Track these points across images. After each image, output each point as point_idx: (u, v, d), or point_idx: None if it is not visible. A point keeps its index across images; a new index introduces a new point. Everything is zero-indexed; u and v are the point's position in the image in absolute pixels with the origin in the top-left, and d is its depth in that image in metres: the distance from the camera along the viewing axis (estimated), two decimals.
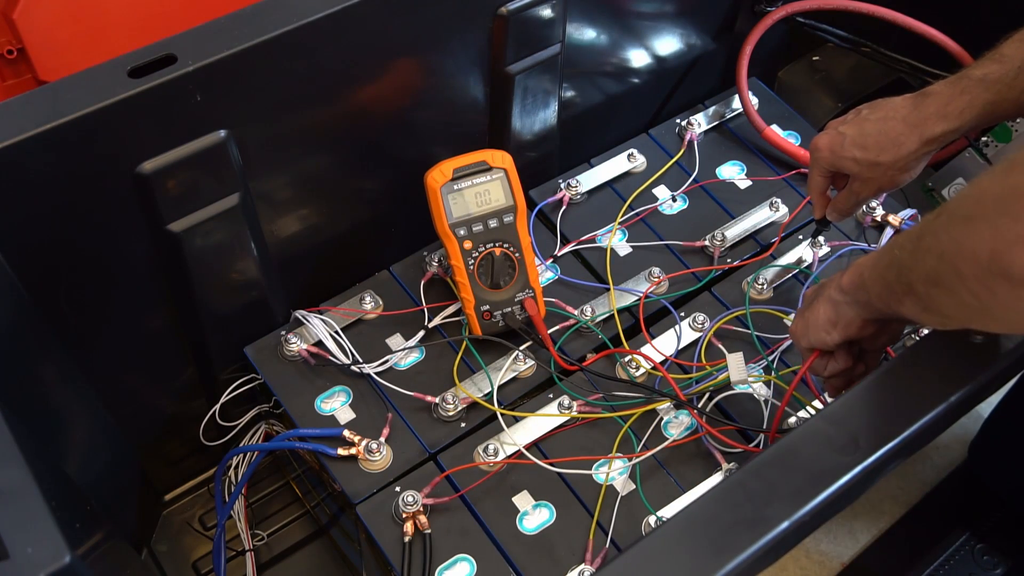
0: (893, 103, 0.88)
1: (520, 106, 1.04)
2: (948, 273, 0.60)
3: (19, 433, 0.59)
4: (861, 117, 0.90)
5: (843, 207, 0.96)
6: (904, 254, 0.67)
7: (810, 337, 0.79)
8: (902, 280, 0.67)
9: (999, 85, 0.80)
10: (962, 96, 0.83)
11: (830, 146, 0.91)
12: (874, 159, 0.88)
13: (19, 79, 1.18)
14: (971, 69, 0.83)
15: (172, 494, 1.13)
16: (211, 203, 0.85)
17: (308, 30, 0.81)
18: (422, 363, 0.99)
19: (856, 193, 0.93)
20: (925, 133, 0.85)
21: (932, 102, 0.85)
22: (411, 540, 0.86)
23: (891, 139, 0.86)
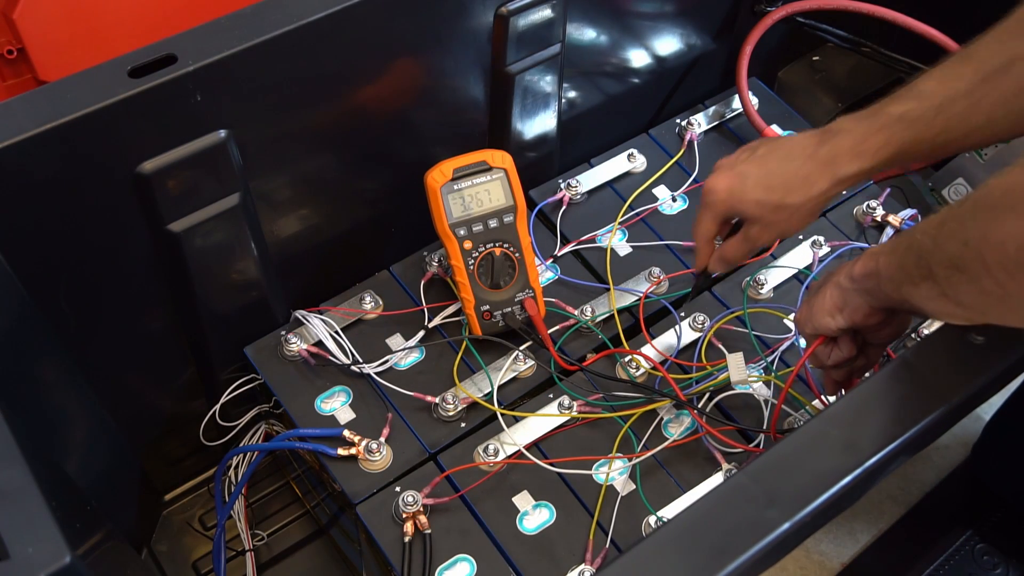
0: (794, 140, 0.82)
1: (520, 106, 1.04)
2: (972, 260, 0.59)
3: (19, 433, 0.59)
4: (760, 156, 0.83)
5: (733, 256, 0.88)
6: (926, 239, 0.65)
7: (814, 322, 0.77)
8: (921, 264, 0.65)
9: (918, 124, 0.76)
10: (878, 134, 0.78)
11: (729, 188, 0.83)
12: (780, 201, 0.81)
13: (19, 79, 1.18)
14: (887, 105, 0.78)
15: (172, 494, 1.13)
16: (211, 203, 0.85)
17: (308, 30, 0.81)
18: (422, 363, 0.99)
19: (752, 240, 0.85)
20: (838, 172, 0.79)
21: (845, 139, 0.79)
22: (411, 540, 0.86)
23: (801, 178, 0.80)
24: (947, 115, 0.75)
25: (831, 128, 0.80)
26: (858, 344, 0.78)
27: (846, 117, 0.81)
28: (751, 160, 0.83)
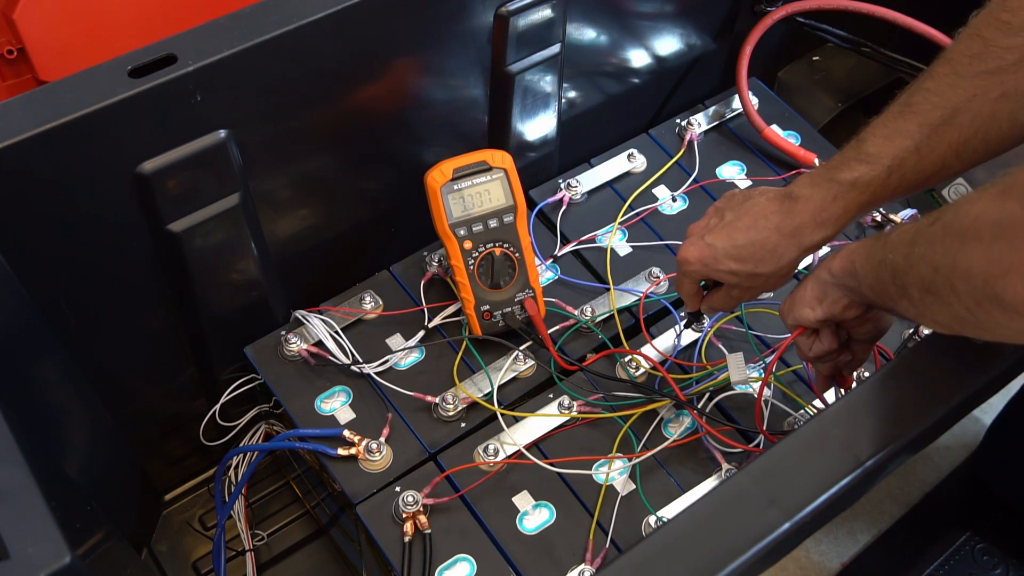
0: (758, 205, 0.83)
1: (520, 106, 1.04)
2: (943, 286, 0.60)
3: (19, 433, 0.59)
4: (727, 224, 0.83)
5: (721, 307, 0.90)
6: (898, 257, 0.65)
7: (795, 313, 0.78)
8: (897, 282, 0.65)
9: (873, 187, 0.77)
10: (835, 203, 0.79)
11: (701, 259, 0.84)
12: (752, 270, 0.82)
13: (19, 79, 1.18)
14: (837, 171, 0.79)
15: (172, 494, 1.13)
16: (211, 203, 0.85)
17: (308, 30, 0.81)
18: (422, 363, 0.99)
19: (735, 298, 0.87)
20: (803, 242, 0.81)
21: (804, 209, 0.80)
22: (411, 540, 0.86)
23: (768, 250, 0.81)
24: (900, 173, 0.76)
25: (791, 194, 0.81)
26: (841, 338, 0.79)
27: (803, 180, 0.81)
28: (719, 229, 0.84)
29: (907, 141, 0.75)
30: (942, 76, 0.75)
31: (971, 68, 0.73)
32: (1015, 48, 0.71)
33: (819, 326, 0.78)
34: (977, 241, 0.56)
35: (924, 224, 0.63)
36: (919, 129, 0.75)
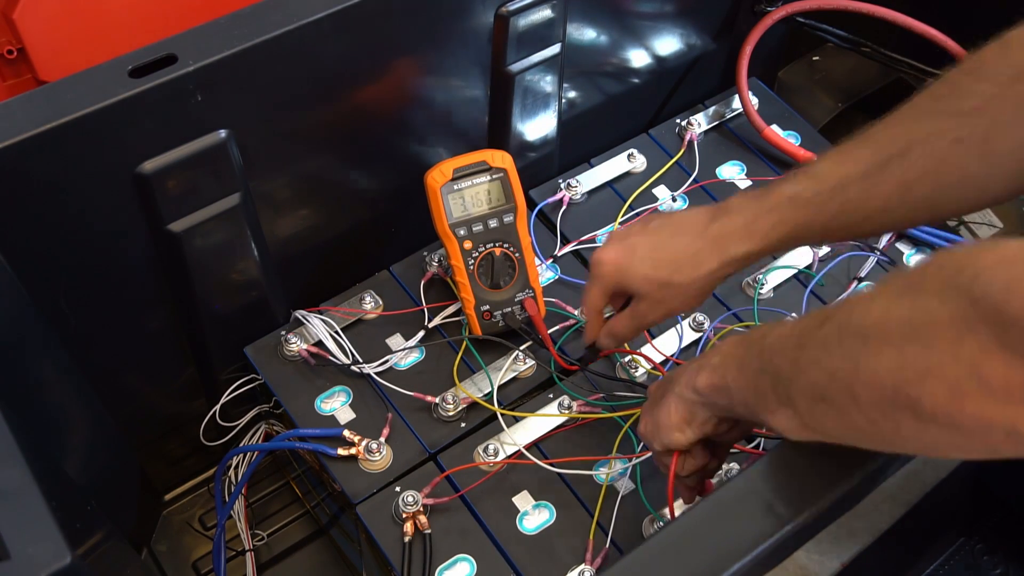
0: (686, 215, 0.79)
1: (520, 106, 1.04)
2: (840, 393, 0.55)
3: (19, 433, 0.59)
4: (651, 229, 0.80)
5: (621, 332, 0.85)
6: (782, 363, 0.60)
7: (662, 438, 0.72)
8: (779, 391, 0.60)
9: (810, 206, 0.73)
10: (769, 215, 0.74)
11: (616, 260, 0.80)
12: (667, 278, 0.78)
13: (19, 79, 1.18)
14: (781, 184, 0.75)
15: (172, 494, 1.13)
16: (211, 203, 0.85)
17: (308, 30, 0.81)
18: (422, 363, 0.99)
19: (640, 316, 0.82)
20: (727, 252, 0.76)
21: (734, 219, 0.76)
22: (411, 540, 0.86)
23: (689, 256, 0.77)
24: (842, 198, 0.72)
25: (724, 205, 0.78)
26: (709, 448, 0.74)
27: (740, 194, 0.78)
28: (642, 232, 0.80)
29: (858, 167, 0.72)
30: (905, 112, 0.73)
31: (933, 106, 0.71)
32: (979, 94, 0.69)
33: (691, 447, 0.73)
34: (885, 343, 0.52)
35: (810, 325, 0.58)
36: (871, 156, 0.72)
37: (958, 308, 0.48)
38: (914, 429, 0.52)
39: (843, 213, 0.73)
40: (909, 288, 0.52)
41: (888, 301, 0.53)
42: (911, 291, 0.52)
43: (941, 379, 0.49)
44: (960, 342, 0.48)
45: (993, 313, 0.46)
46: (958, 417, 0.49)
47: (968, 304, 0.48)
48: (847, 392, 0.54)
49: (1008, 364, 0.46)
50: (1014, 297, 0.46)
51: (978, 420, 0.49)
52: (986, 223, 1.14)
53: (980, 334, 0.47)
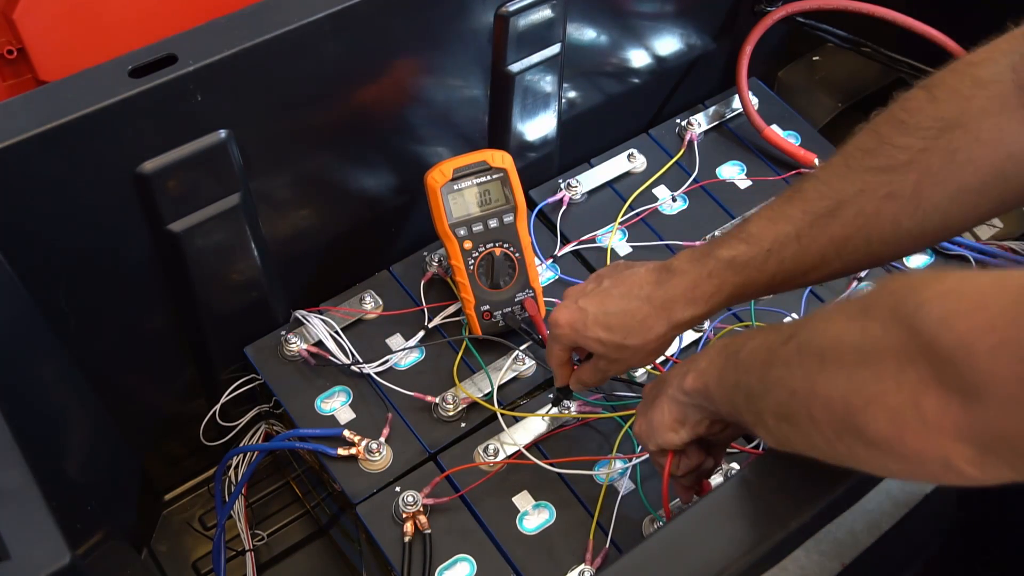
0: (636, 275, 0.79)
1: (520, 106, 1.04)
2: (801, 414, 0.56)
3: (19, 433, 0.59)
4: (603, 290, 0.80)
5: (589, 381, 0.86)
6: (752, 379, 0.61)
7: (657, 439, 0.72)
8: (751, 408, 0.61)
9: (748, 268, 0.74)
10: (710, 280, 0.75)
11: (571, 323, 0.80)
12: (621, 341, 0.78)
13: (19, 79, 1.18)
14: (718, 248, 0.75)
15: (172, 494, 1.13)
16: (211, 203, 0.85)
17: (308, 30, 0.81)
18: (422, 363, 0.99)
19: (602, 371, 0.84)
20: (673, 317, 0.77)
21: (678, 283, 0.76)
22: (411, 540, 0.86)
23: (638, 321, 0.77)
24: (778, 258, 0.73)
25: (669, 266, 0.78)
26: (704, 447, 0.75)
27: (685, 254, 0.78)
28: (594, 295, 0.81)
29: (789, 226, 0.72)
30: (834, 167, 0.73)
31: (862, 162, 0.71)
32: (907, 148, 0.69)
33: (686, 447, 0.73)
34: (837, 366, 0.53)
35: (776, 341, 0.59)
36: (802, 216, 0.72)
37: (900, 338, 0.49)
38: (865, 454, 0.52)
39: (781, 271, 0.73)
40: (861, 312, 0.52)
41: (842, 323, 0.54)
42: (862, 315, 0.52)
43: (884, 408, 0.50)
44: (902, 372, 0.48)
45: (929, 346, 0.47)
46: (899, 447, 0.50)
47: (909, 335, 0.48)
48: (806, 413, 0.55)
49: (942, 398, 0.47)
50: (947, 331, 0.46)
51: (917, 451, 0.49)
52: (986, 223, 1.14)
53: (919, 366, 0.48)
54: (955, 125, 0.68)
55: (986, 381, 0.45)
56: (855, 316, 0.53)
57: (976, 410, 0.45)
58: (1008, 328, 0.44)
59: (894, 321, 0.49)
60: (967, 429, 0.46)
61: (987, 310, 0.45)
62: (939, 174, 0.68)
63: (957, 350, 0.46)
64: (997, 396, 0.44)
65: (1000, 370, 0.44)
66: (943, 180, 0.68)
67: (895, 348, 0.49)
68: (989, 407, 0.45)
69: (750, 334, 0.65)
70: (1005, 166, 0.67)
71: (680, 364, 0.72)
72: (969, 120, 0.67)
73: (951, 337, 0.46)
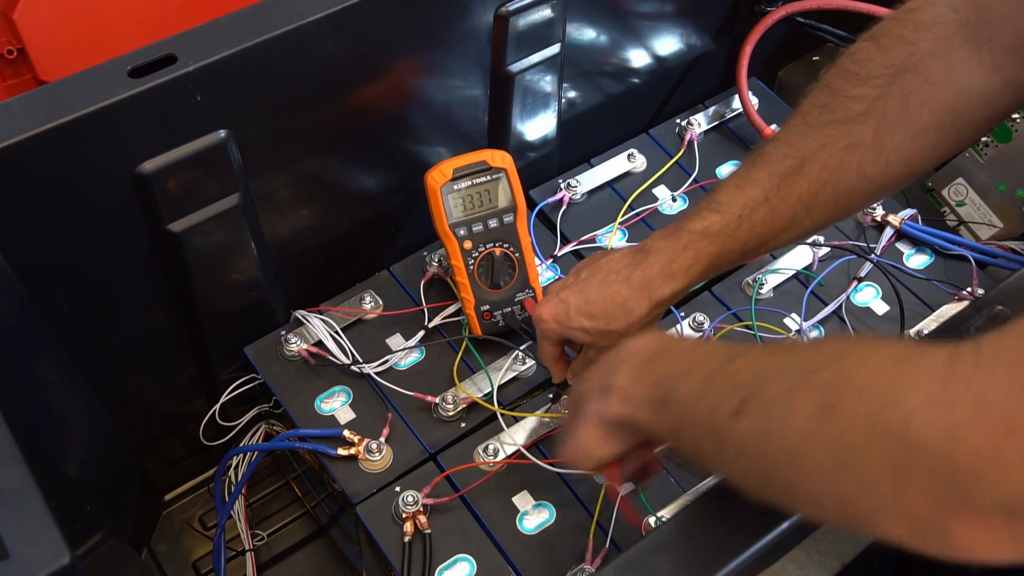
0: (612, 261, 0.80)
1: (520, 106, 1.04)
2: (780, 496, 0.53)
3: (19, 433, 0.59)
4: (582, 280, 0.81)
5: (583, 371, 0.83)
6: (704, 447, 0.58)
7: (591, 459, 0.69)
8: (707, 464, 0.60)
9: (722, 237, 0.75)
10: (685, 253, 0.75)
11: (554, 316, 0.81)
12: (605, 327, 0.78)
13: (19, 79, 1.18)
14: (689, 221, 0.76)
15: (172, 494, 1.13)
16: (211, 203, 0.85)
17: (308, 30, 0.81)
18: (422, 363, 0.99)
19: (591, 359, 0.83)
20: (654, 296, 0.77)
21: (654, 261, 0.77)
22: (411, 540, 0.86)
23: (619, 305, 0.78)
24: (750, 223, 0.74)
25: (643, 247, 0.79)
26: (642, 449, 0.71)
27: (656, 235, 0.79)
28: (573, 286, 0.81)
29: (757, 190, 0.73)
30: (792, 127, 0.74)
31: (820, 118, 0.72)
32: (862, 98, 0.70)
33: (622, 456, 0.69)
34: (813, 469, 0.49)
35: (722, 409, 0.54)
36: (769, 178, 0.73)
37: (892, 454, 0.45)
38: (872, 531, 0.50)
39: (754, 236, 0.74)
40: (828, 411, 0.48)
41: (807, 423, 0.49)
42: (831, 417, 0.48)
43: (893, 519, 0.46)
44: (902, 489, 0.45)
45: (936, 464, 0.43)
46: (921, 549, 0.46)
47: (904, 450, 0.44)
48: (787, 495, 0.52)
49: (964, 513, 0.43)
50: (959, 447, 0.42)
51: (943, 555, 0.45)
52: (986, 223, 1.14)
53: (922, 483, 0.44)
54: (905, 70, 0.69)
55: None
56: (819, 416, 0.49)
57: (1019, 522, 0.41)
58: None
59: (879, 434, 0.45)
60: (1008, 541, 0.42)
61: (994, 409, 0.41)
62: (896, 119, 0.69)
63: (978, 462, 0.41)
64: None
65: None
66: (901, 124, 0.69)
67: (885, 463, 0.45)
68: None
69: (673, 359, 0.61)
70: (957, 103, 0.69)
71: (591, 376, 0.68)
72: (918, 63, 0.69)
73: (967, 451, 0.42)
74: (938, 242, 1.08)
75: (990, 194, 1.13)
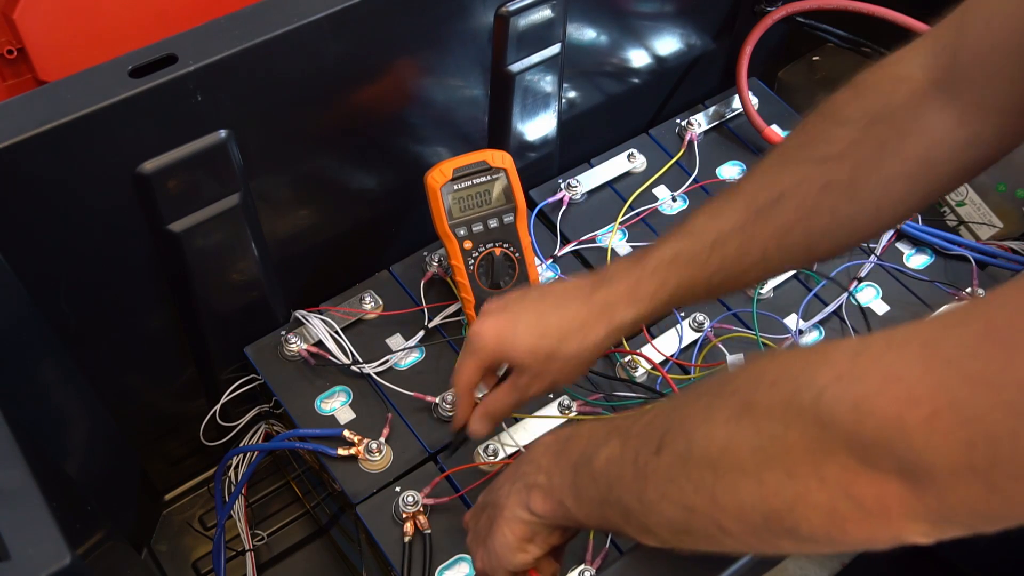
0: (567, 285, 0.76)
1: (520, 106, 1.04)
2: (706, 527, 0.52)
3: (19, 433, 0.59)
4: (532, 299, 0.76)
5: (499, 408, 0.79)
6: (628, 497, 0.56)
7: (504, 565, 0.66)
8: (633, 524, 0.57)
9: (693, 264, 0.72)
10: (652, 276, 0.73)
11: (498, 332, 0.74)
12: (554, 349, 0.73)
13: (19, 79, 1.18)
14: (661, 246, 0.74)
15: (172, 494, 1.13)
16: (211, 203, 0.85)
17: (308, 30, 0.81)
18: (422, 363, 0.99)
19: (522, 389, 0.76)
20: (615, 318, 0.73)
21: (618, 285, 0.73)
22: (411, 540, 0.86)
23: (577, 325, 0.73)
24: (722, 253, 0.72)
25: (604, 274, 0.75)
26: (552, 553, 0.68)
27: (618, 262, 0.76)
28: (523, 302, 0.76)
29: (731, 221, 0.72)
30: (772, 162, 0.74)
31: (799, 155, 0.73)
32: (840, 139, 0.71)
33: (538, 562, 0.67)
34: (739, 473, 0.49)
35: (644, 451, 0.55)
36: (745, 210, 0.72)
37: (808, 433, 0.46)
38: (797, 547, 0.51)
39: (723, 268, 0.73)
40: (746, 410, 0.49)
41: (728, 427, 0.50)
42: (749, 414, 0.49)
43: (812, 506, 0.47)
44: (821, 467, 0.46)
45: (849, 436, 0.45)
46: (840, 537, 0.48)
47: (818, 428, 0.46)
48: (712, 524, 0.52)
49: (878, 484, 0.44)
50: (865, 416, 0.44)
51: (863, 538, 0.47)
52: (986, 223, 1.14)
53: (840, 457, 0.45)
54: (881, 119, 0.71)
55: (929, 456, 0.42)
56: (740, 415, 0.50)
57: (924, 487, 0.43)
58: (934, 395, 0.42)
59: (793, 417, 0.47)
60: (918, 507, 0.44)
61: (901, 382, 0.43)
62: (871, 163, 0.70)
63: (884, 432, 0.43)
64: (945, 469, 0.42)
65: (941, 441, 0.42)
66: (875, 169, 0.70)
67: (806, 445, 0.46)
68: (938, 481, 0.43)
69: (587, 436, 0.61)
70: (928, 154, 0.70)
71: (502, 482, 0.67)
72: (892, 113, 0.70)
73: (872, 421, 0.43)
74: (938, 242, 1.08)
75: (990, 194, 1.13)
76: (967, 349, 0.42)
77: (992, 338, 0.42)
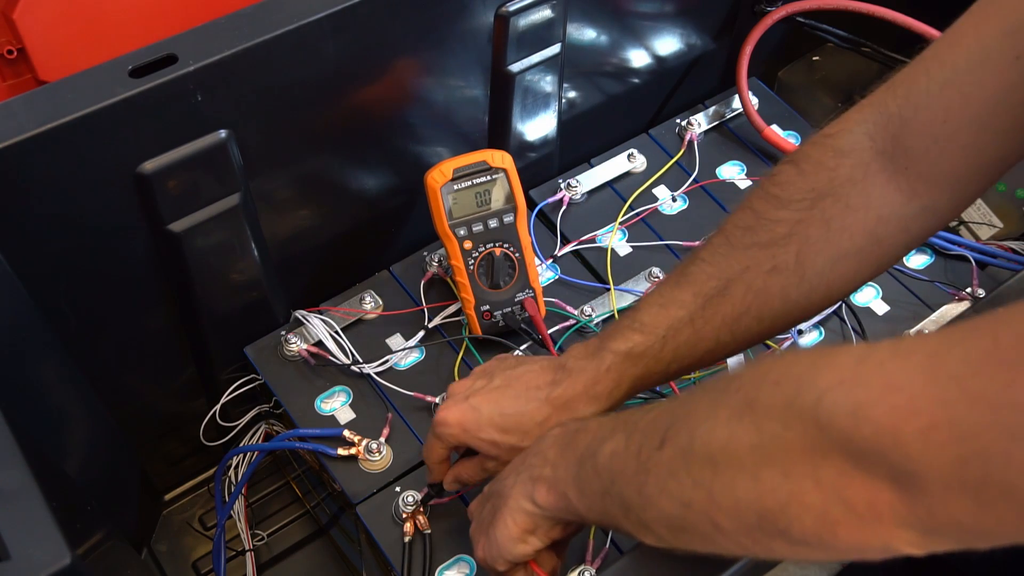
0: (528, 374, 0.76)
1: (520, 106, 1.04)
2: (701, 524, 0.53)
3: (19, 433, 0.59)
4: (495, 388, 0.76)
5: (469, 478, 0.80)
6: (628, 491, 0.57)
7: (505, 556, 0.67)
8: (632, 519, 0.57)
9: (646, 358, 0.72)
10: (608, 375, 0.72)
11: (462, 423, 0.75)
12: (516, 443, 0.73)
13: (19, 79, 1.18)
14: (612, 340, 0.73)
15: (172, 494, 1.13)
16: (211, 203, 0.85)
17: (308, 30, 0.81)
18: (422, 363, 0.99)
19: (489, 471, 0.78)
20: (576, 416, 0.72)
21: (577, 380, 0.73)
22: (411, 540, 0.86)
23: (536, 423, 0.73)
24: (674, 345, 0.72)
25: (563, 364, 0.75)
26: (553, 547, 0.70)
27: (578, 351, 0.75)
28: (485, 392, 0.76)
29: (681, 311, 0.72)
30: (716, 247, 0.73)
31: (743, 240, 0.71)
32: (784, 221, 0.70)
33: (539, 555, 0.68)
34: (737, 469, 0.50)
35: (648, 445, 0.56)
36: (693, 299, 0.72)
37: (806, 434, 0.47)
38: (789, 551, 0.51)
39: (678, 358, 0.73)
40: (748, 408, 0.50)
41: (730, 424, 0.51)
42: (751, 412, 0.50)
43: (806, 507, 0.47)
44: (817, 468, 0.46)
45: (845, 440, 0.45)
46: (831, 541, 0.48)
47: (816, 431, 0.46)
48: (708, 522, 0.52)
49: (871, 489, 0.45)
50: (863, 422, 0.44)
51: (853, 543, 0.47)
52: (986, 223, 1.14)
53: (835, 460, 0.46)
54: (825, 195, 0.69)
55: (922, 467, 0.42)
56: (742, 414, 0.50)
57: (915, 496, 0.43)
58: (933, 409, 0.42)
59: (794, 417, 0.47)
60: (909, 516, 0.44)
61: (901, 391, 0.43)
62: (818, 243, 0.69)
63: (880, 439, 0.43)
64: (937, 481, 0.42)
65: (935, 454, 0.42)
66: (823, 248, 0.69)
67: (803, 446, 0.47)
68: (929, 493, 0.43)
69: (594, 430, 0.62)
70: (876, 228, 0.69)
71: (508, 474, 0.68)
72: (837, 188, 0.69)
73: (869, 428, 0.44)
74: (938, 242, 1.08)
75: (990, 194, 1.13)
76: (970, 366, 0.42)
77: (997, 357, 0.42)
